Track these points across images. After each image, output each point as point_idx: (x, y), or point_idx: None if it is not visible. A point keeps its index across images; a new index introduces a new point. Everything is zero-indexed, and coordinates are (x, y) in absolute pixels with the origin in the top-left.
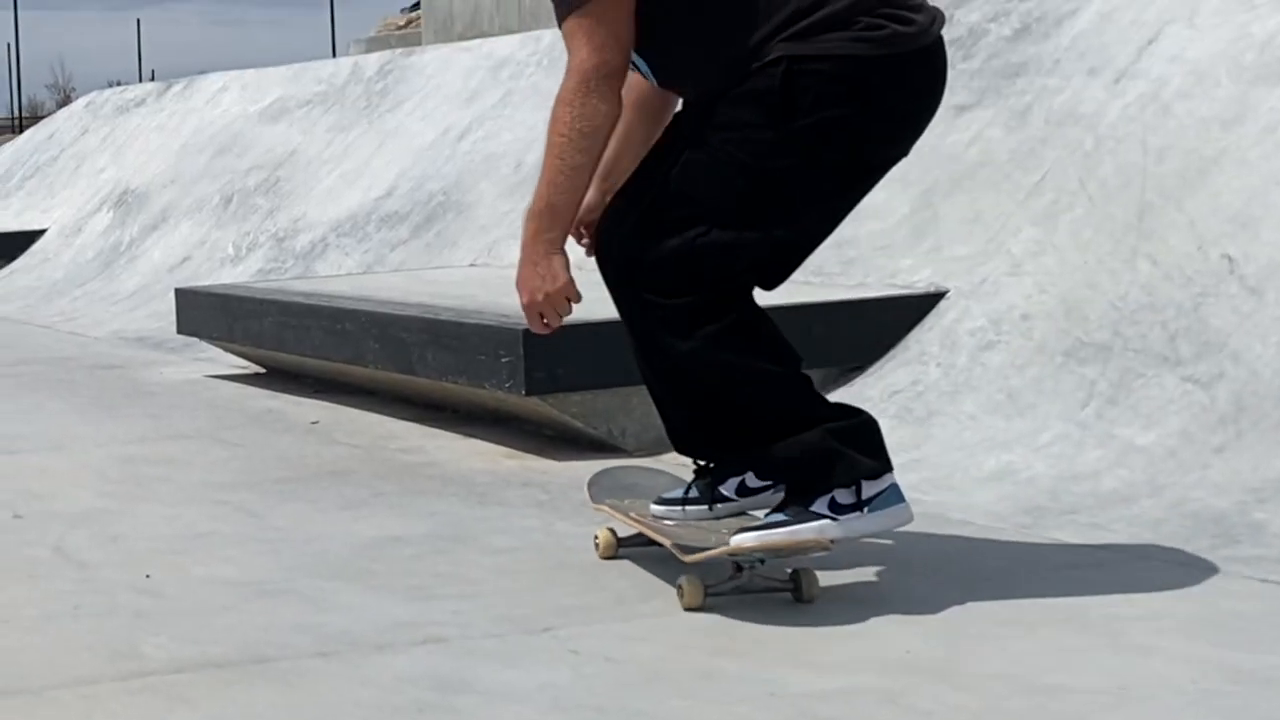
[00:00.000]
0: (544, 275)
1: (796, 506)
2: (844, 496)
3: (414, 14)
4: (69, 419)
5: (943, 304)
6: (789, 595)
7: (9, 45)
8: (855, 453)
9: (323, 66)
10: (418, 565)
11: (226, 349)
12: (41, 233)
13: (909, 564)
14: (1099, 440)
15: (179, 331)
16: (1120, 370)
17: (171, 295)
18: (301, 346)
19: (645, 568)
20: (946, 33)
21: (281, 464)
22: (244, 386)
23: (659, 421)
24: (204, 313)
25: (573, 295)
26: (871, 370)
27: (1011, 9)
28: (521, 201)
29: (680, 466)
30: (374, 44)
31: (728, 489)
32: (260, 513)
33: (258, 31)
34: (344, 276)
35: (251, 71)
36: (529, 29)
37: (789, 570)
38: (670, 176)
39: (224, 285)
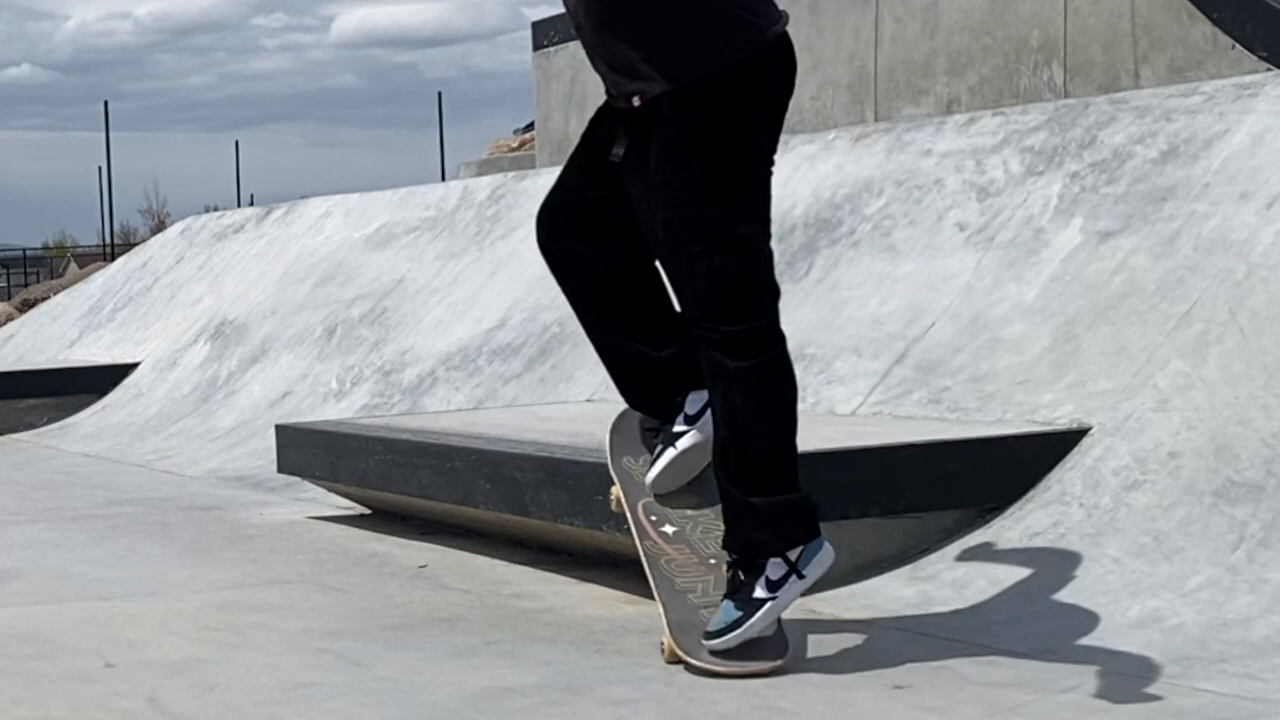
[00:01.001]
0: None
1: (744, 594)
2: (776, 571)
3: (527, 135)
4: (163, 563)
5: (1085, 441)
6: None
7: (100, 168)
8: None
9: (431, 191)
10: (531, 718)
11: (330, 489)
12: (134, 366)
13: (1050, 717)
14: (1251, 585)
15: (279, 470)
16: (1273, 511)
17: (272, 432)
18: (409, 486)
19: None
20: (1091, 154)
21: (387, 610)
22: (348, 528)
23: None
24: (306, 451)
25: None
26: (1010, 511)
27: (1158, 130)
28: None
29: None
30: (485, 167)
31: (679, 426)
32: (365, 662)
33: (362, 154)
34: (453, 412)
35: (356, 196)
36: None
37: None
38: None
39: (327, 422)
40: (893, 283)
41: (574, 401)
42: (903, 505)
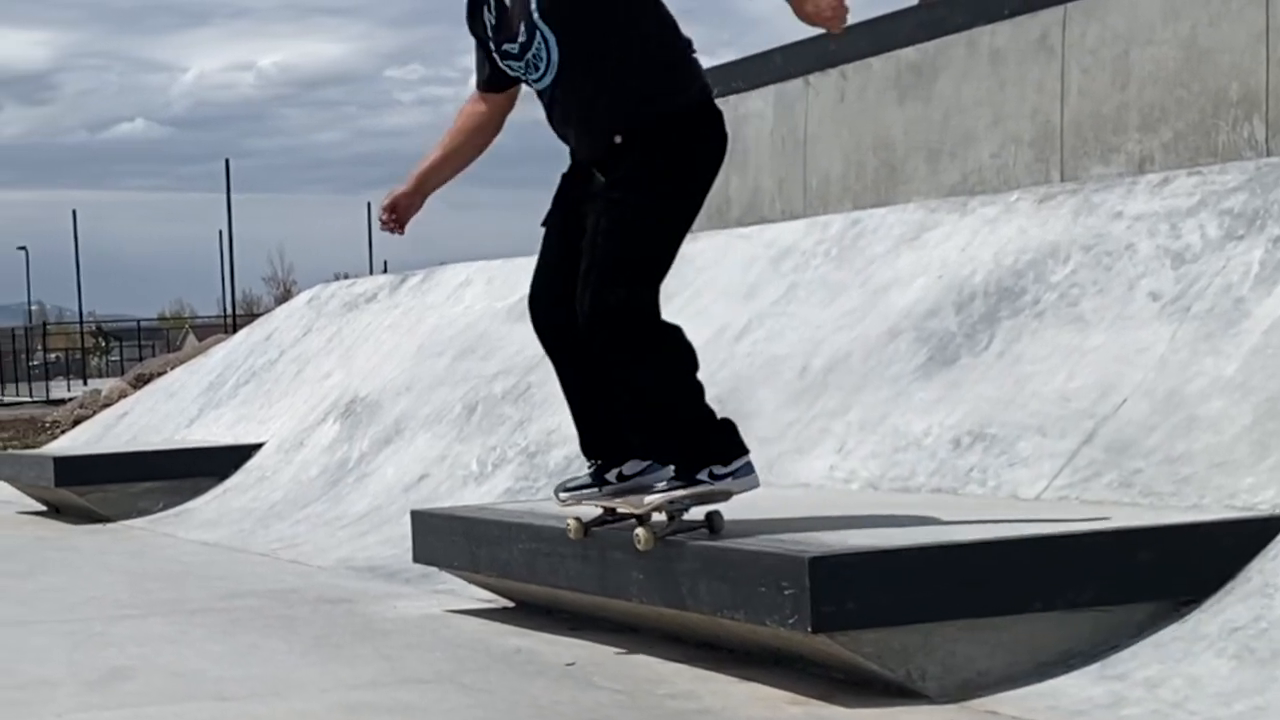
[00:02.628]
0: None
1: (683, 475)
2: (720, 469)
3: None
4: (289, 661)
5: None
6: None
7: (220, 232)
8: (728, 437)
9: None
10: None
11: (470, 580)
12: (258, 447)
13: None
14: None
15: (415, 560)
16: None
17: (407, 519)
18: (555, 577)
19: None
20: None
21: (532, 712)
22: (489, 623)
23: (964, 663)
24: (444, 538)
25: None
26: (1207, 605)
27: None
28: (809, 410)
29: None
30: None
31: (611, 476)
32: None
33: (505, 216)
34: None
35: (498, 262)
36: (815, 214)
37: (704, 514)
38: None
39: (467, 507)
40: (1080, 356)
41: None
42: (1090, 597)
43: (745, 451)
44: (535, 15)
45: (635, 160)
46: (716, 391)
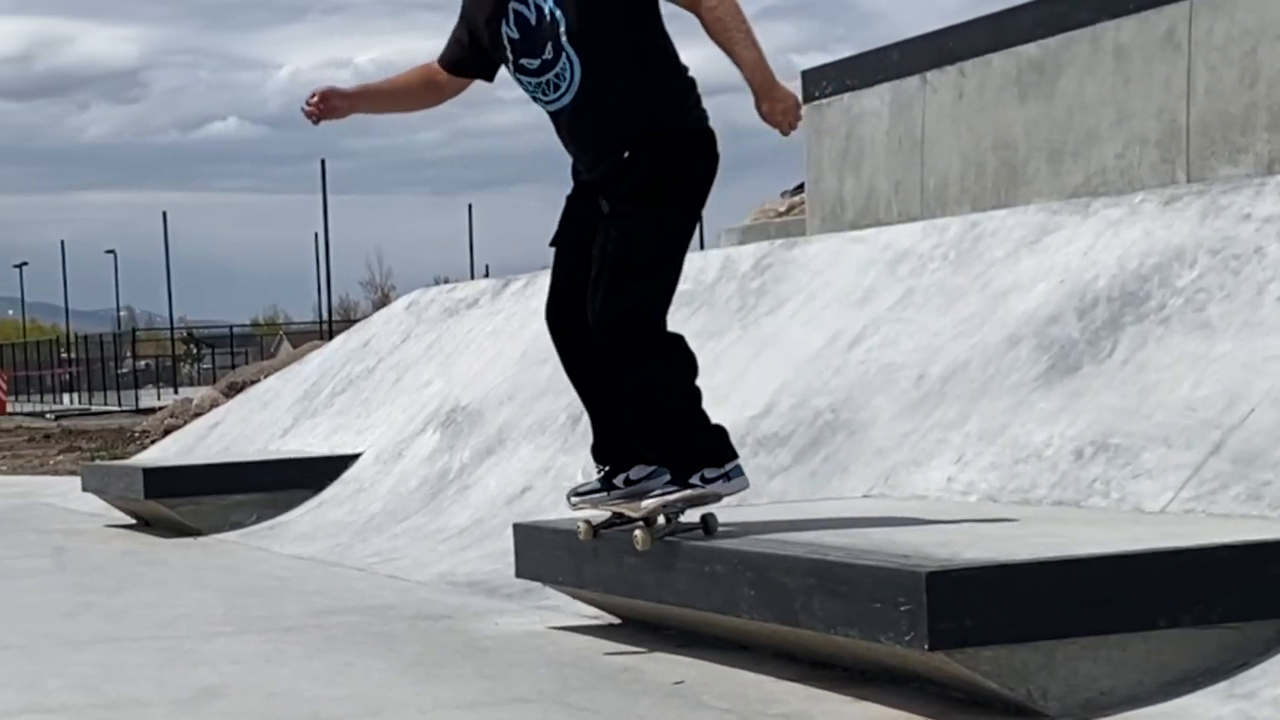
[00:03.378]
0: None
1: (678, 479)
2: (711, 473)
3: (796, 198)
4: (387, 680)
5: None
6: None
7: (316, 235)
8: (720, 443)
9: (689, 261)
10: None
11: (574, 596)
12: (355, 458)
13: None
14: None
15: (518, 575)
16: None
17: (509, 532)
18: (663, 593)
19: None
20: None
21: None
22: (595, 640)
23: (1086, 681)
24: (548, 553)
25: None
26: None
27: None
28: (926, 420)
29: None
30: (749, 234)
31: (619, 481)
32: None
33: None
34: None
35: None
36: (932, 216)
37: (699, 517)
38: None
39: (572, 520)
40: (1207, 364)
41: (849, 497)
42: (1218, 614)
43: (735, 455)
44: (564, 39)
45: (641, 174)
46: (830, 400)
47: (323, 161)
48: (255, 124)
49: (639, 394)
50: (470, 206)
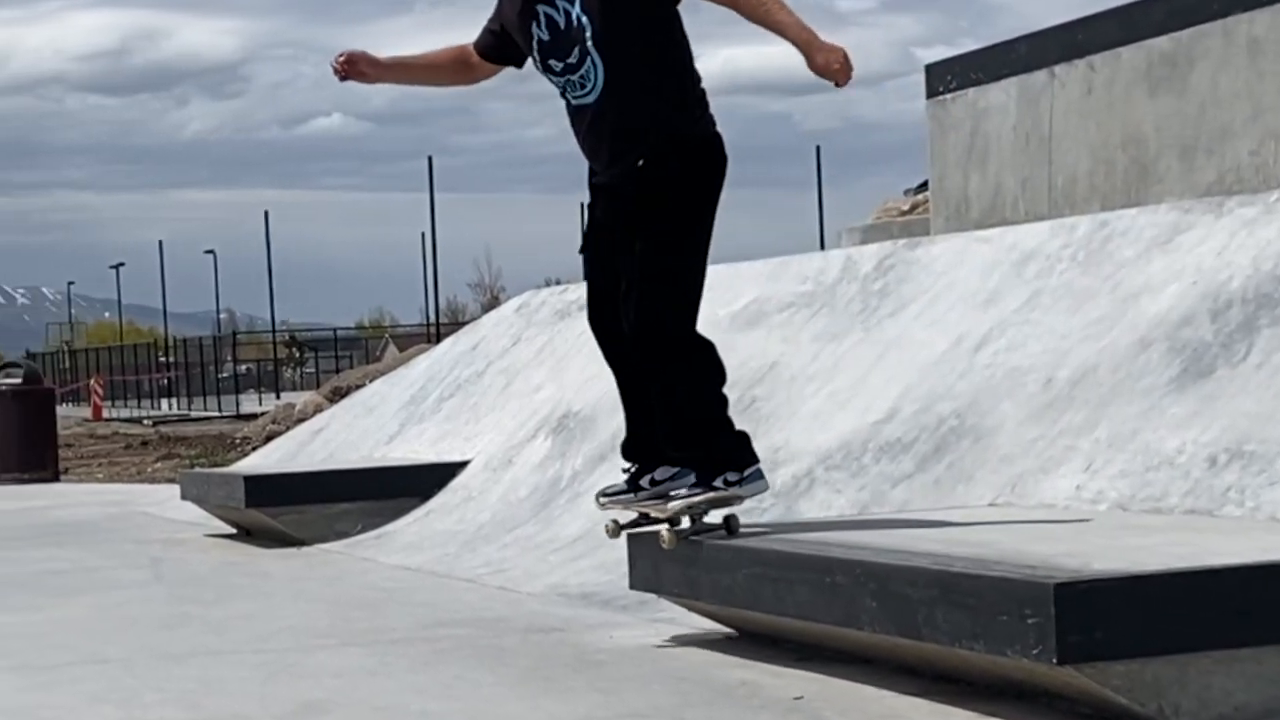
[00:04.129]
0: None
1: (702, 480)
2: (734, 476)
3: (920, 196)
4: (496, 694)
5: None
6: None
7: (423, 235)
8: (744, 447)
9: (808, 261)
10: None
11: (690, 608)
12: (463, 465)
13: None
14: None
15: (632, 587)
16: None
17: (623, 542)
18: (782, 605)
19: None
20: None
21: None
22: (711, 653)
23: (1220, 696)
24: (663, 563)
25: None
26: None
27: None
28: (1053, 426)
29: None
30: (871, 233)
31: (644, 482)
32: None
33: (728, 218)
34: (834, 520)
35: (721, 267)
36: (1060, 215)
37: (721, 518)
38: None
39: (687, 529)
40: None
41: (974, 506)
42: None
43: (756, 460)
44: (589, 44)
45: (654, 182)
46: (954, 405)
47: (430, 158)
48: (360, 120)
49: (668, 397)
50: (582, 205)
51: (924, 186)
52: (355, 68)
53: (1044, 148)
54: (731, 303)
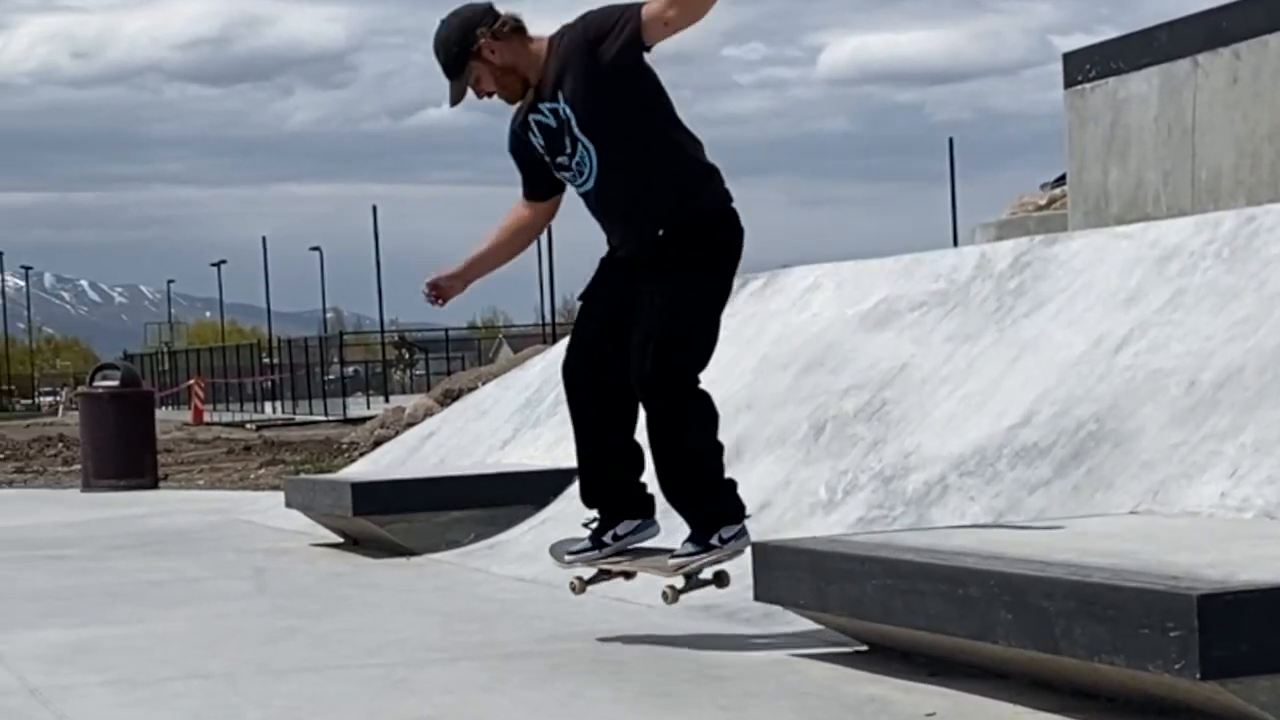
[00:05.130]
0: None
1: (700, 539)
2: (728, 531)
3: (1057, 191)
4: (615, 711)
5: None
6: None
7: None
8: (737, 497)
9: (941, 258)
10: None
11: (817, 620)
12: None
13: None
14: None
15: (756, 598)
16: None
17: (747, 552)
18: (914, 617)
19: None
20: None
21: None
22: (839, 668)
23: None
24: (788, 574)
25: None
26: None
27: None
28: (1197, 431)
29: None
30: (1006, 229)
31: (607, 538)
32: None
33: (856, 212)
34: (968, 528)
35: (849, 264)
36: (1204, 210)
37: (712, 574)
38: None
39: (814, 539)
40: None
41: (1114, 514)
42: None
43: (745, 509)
44: (576, 130)
45: (677, 250)
46: (1093, 409)
47: None
48: (471, 110)
49: (683, 451)
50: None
51: (1061, 180)
52: (443, 291)
53: (1187, 140)
54: (860, 302)
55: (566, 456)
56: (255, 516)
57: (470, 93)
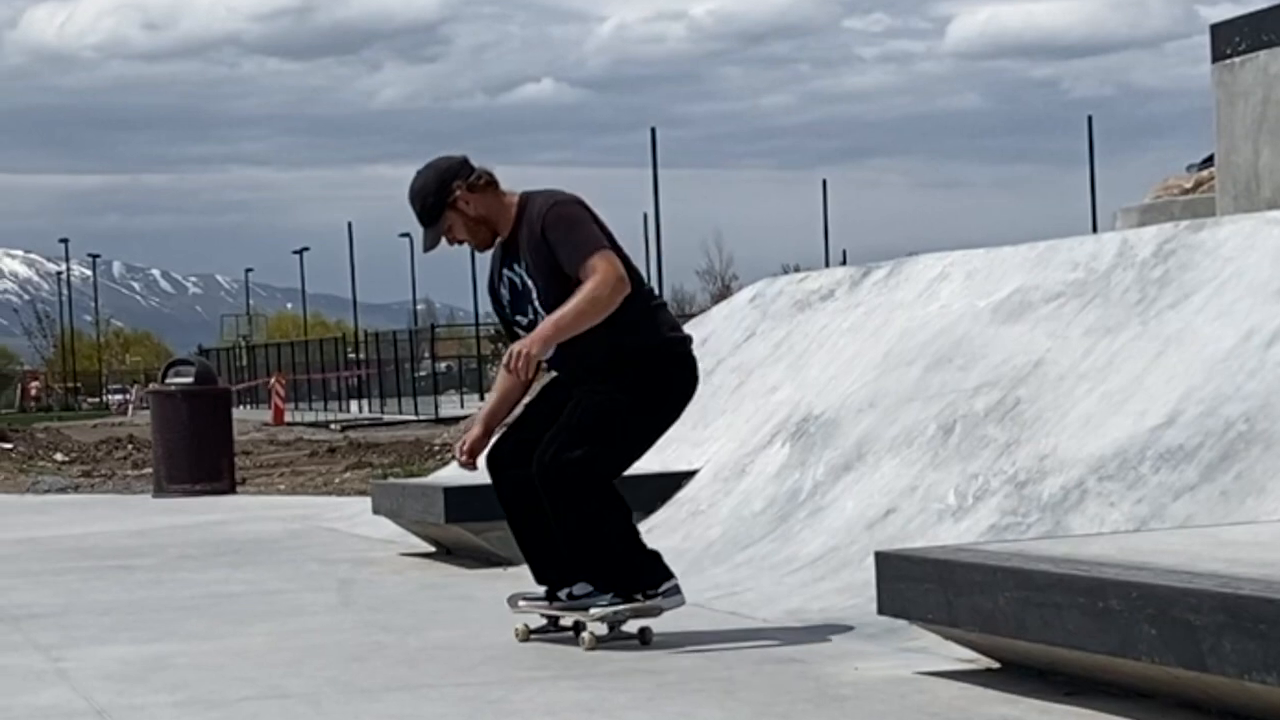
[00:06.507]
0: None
1: (623, 594)
2: (653, 590)
3: (1204, 173)
4: None
5: None
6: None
7: (644, 215)
8: (657, 567)
9: (1078, 245)
10: None
11: (946, 635)
12: (690, 475)
13: None
14: None
15: (880, 611)
16: None
17: (870, 561)
18: (1050, 632)
19: None
20: None
21: None
22: (969, 686)
23: None
24: (915, 585)
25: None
26: None
27: None
28: None
29: None
30: (1150, 214)
31: (562, 595)
32: None
33: (987, 196)
34: (1108, 536)
35: (980, 252)
36: None
37: (637, 629)
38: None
39: (943, 548)
40: None
41: (1266, 521)
42: None
43: (672, 576)
44: (536, 303)
45: (617, 374)
46: (1244, 408)
47: (653, 130)
48: (574, 86)
49: (575, 535)
50: (824, 182)
51: (1209, 161)
52: (474, 451)
53: None
54: (992, 293)
55: (676, 459)
56: (340, 524)
57: (443, 240)
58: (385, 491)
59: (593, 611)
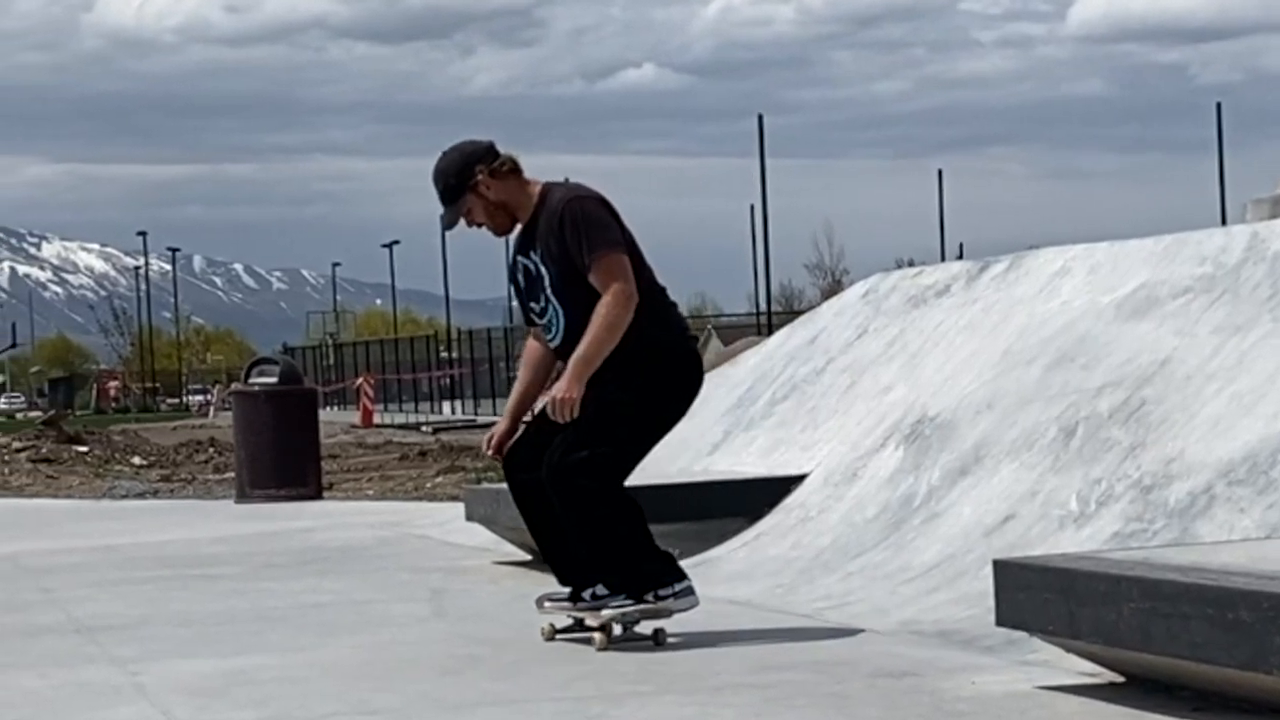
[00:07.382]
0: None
1: (635, 595)
2: (664, 591)
3: None
4: None
5: None
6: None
7: (751, 207)
8: (669, 568)
9: (1207, 239)
10: None
11: (1068, 648)
12: (800, 479)
13: None
14: None
15: (999, 623)
16: None
17: (988, 570)
18: (1176, 645)
19: None
20: None
21: None
22: (1092, 701)
23: None
24: (1035, 595)
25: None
26: None
27: None
28: None
29: None
30: None
31: (586, 595)
32: None
33: (1111, 187)
34: (1237, 543)
35: (1103, 246)
36: None
37: (651, 630)
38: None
39: (1064, 556)
40: None
41: None
42: None
43: (685, 578)
44: (549, 291)
45: (626, 374)
46: None
47: (760, 118)
48: (677, 72)
49: (585, 536)
50: (940, 172)
51: None
52: (504, 444)
53: None
54: (1116, 288)
55: (783, 463)
56: (432, 531)
57: (462, 221)
58: (479, 497)
59: (604, 613)
